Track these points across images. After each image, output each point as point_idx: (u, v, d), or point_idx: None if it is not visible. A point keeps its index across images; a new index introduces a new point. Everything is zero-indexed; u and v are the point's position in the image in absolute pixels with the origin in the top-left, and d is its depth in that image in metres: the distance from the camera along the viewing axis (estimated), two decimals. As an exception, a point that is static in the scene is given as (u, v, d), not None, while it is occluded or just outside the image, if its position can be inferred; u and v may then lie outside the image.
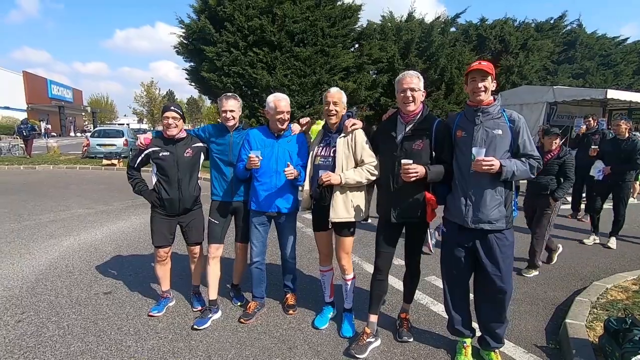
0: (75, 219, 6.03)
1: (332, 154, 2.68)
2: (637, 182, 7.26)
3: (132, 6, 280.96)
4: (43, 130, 31.61)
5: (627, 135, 5.00)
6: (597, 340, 2.53)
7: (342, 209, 2.64)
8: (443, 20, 17.42)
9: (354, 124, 2.64)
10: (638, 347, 2.07)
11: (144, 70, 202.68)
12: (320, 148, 2.76)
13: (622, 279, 3.74)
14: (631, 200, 8.21)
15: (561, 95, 12.37)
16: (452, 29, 18.64)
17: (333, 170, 2.62)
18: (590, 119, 6.74)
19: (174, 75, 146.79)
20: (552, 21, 20.34)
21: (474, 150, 2.21)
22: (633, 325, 2.27)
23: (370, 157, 2.62)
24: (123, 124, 41.38)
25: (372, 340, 2.62)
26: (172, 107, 2.86)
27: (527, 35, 18.98)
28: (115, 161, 13.15)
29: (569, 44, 20.15)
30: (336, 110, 2.65)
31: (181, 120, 2.89)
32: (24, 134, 15.43)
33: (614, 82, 19.94)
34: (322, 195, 2.64)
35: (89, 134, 18.08)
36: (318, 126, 3.71)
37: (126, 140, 15.48)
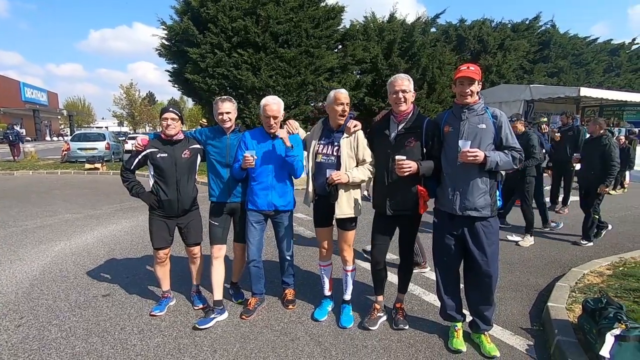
0: (64, 224, 5.94)
1: (335, 153, 2.80)
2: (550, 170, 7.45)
3: (107, 6, 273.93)
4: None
5: (523, 129, 5.01)
6: (576, 320, 2.74)
7: (346, 205, 2.80)
8: (424, 20, 17.80)
9: (355, 125, 2.78)
10: (612, 322, 2.28)
11: (122, 71, 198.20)
12: (322, 146, 2.88)
13: (597, 265, 4.01)
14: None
15: (537, 93, 12.94)
16: (433, 30, 19.09)
17: (337, 169, 2.76)
18: (565, 115, 7.11)
19: (153, 77, 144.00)
20: (527, 22, 21.11)
21: (460, 142, 2.40)
22: (608, 304, 2.49)
23: (369, 157, 2.79)
24: (102, 127, 40.29)
25: (382, 314, 2.99)
26: (171, 109, 2.94)
27: (504, 36, 19.65)
28: (98, 165, 12.86)
29: (543, 44, 20.95)
30: (346, 112, 2.78)
31: (179, 121, 2.96)
32: (11, 138, 15.13)
33: (586, 80, 20.86)
34: (331, 193, 2.77)
35: (68, 138, 17.61)
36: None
37: (108, 143, 15.17)
